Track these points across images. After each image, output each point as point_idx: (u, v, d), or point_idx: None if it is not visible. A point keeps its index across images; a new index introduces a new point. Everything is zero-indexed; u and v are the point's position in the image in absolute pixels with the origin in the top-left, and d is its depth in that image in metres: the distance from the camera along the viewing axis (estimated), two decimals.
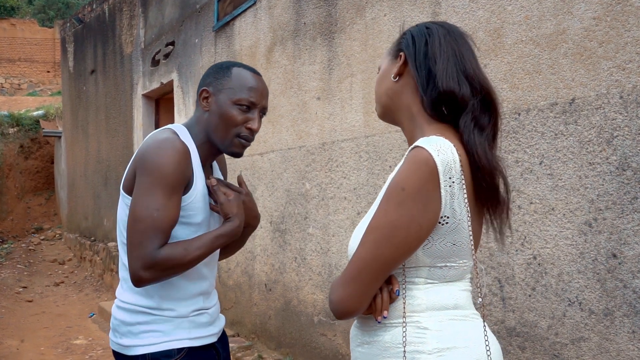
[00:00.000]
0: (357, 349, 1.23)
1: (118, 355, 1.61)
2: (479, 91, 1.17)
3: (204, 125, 1.60)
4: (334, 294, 1.16)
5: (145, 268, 1.44)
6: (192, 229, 1.57)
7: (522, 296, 2.31)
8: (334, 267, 3.51)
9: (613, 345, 1.99)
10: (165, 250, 1.46)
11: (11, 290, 7.77)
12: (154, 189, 1.46)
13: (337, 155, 3.48)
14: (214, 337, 1.68)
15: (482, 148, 1.13)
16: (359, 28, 3.29)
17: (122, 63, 7.53)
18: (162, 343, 1.55)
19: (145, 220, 1.45)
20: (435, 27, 1.23)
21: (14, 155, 13.51)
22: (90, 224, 9.05)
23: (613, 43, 2.00)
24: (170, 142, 1.49)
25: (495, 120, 1.19)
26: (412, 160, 1.09)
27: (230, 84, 1.58)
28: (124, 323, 1.58)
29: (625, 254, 1.97)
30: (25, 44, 22.88)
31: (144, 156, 1.50)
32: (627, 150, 1.96)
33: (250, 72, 1.62)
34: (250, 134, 1.59)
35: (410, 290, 1.15)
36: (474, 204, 1.15)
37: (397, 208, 1.09)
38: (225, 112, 1.56)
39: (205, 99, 1.61)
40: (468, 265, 1.18)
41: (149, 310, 1.56)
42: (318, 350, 3.67)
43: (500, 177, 1.16)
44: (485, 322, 1.19)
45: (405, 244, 1.10)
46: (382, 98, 1.29)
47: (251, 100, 1.57)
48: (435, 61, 1.18)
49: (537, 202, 2.25)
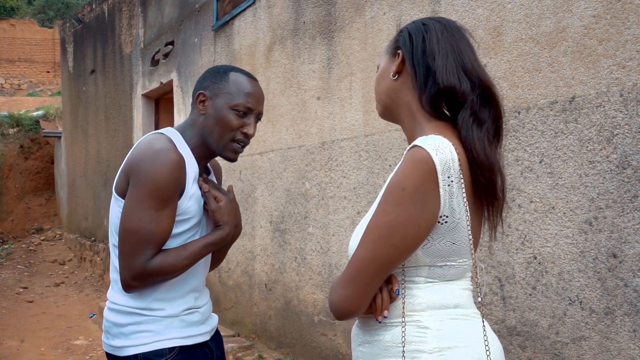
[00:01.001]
0: (358, 348, 1.23)
1: (110, 357, 1.61)
2: (478, 86, 1.16)
3: (199, 128, 1.61)
4: (333, 295, 1.16)
5: (135, 279, 1.48)
6: (189, 228, 1.59)
7: (522, 295, 2.31)
8: (334, 266, 3.50)
9: (614, 344, 1.99)
10: (156, 261, 1.48)
11: (11, 290, 7.76)
12: (148, 201, 1.46)
13: (336, 155, 3.47)
14: (207, 336, 1.68)
15: (481, 143, 1.12)
16: (358, 27, 3.28)
17: (122, 63, 7.53)
18: (153, 343, 1.55)
19: (138, 232, 1.46)
20: (432, 22, 1.22)
21: (14, 155, 13.51)
22: (90, 224, 9.05)
23: (613, 41, 2.00)
24: (165, 154, 1.49)
25: (496, 115, 1.18)
26: (411, 159, 1.09)
27: (227, 89, 1.59)
28: (115, 325, 1.58)
29: (625, 253, 1.96)
30: (25, 45, 22.88)
31: (138, 166, 1.50)
32: (627, 148, 1.95)
33: (247, 78, 1.63)
34: (245, 138, 1.61)
35: (411, 289, 1.15)
36: (473, 203, 1.14)
37: (395, 208, 1.09)
38: (222, 117, 1.58)
39: (202, 102, 1.62)
40: (468, 264, 1.18)
41: (140, 310, 1.56)
42: (318, 350, 3.66)
43: (498, 172, 1.16)
44: (485, 321, 1.18)
45: (404, 244, 1.09)
46: (382, 97, 1.29)
47: (248, 106, 1.59)
48: (434, 57, 1.17)
49: (537, 200, 2.24)
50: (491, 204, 1.18)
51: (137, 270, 1.47)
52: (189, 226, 1.58)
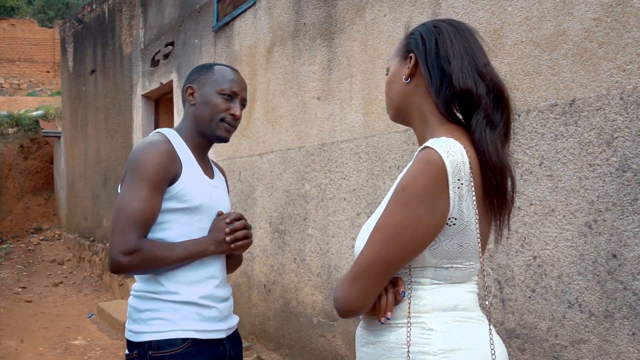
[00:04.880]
0: (362, 348, 1.23)
1: (129, 343, 1.66)
2: (492, 89, 1.16)
3: (191, 119, 1.77)
4: (338, 292, 1.16)
5: (124, 254, 1.55)
6: (191, 215, 1.66)
7: (521, 298, 2.31)
8: (333, 268, 3.50)
9: (613, 348, 1.99)
10: (143, 241, 1.58)
11: (10, 290, 7.76)
12: (137, 183, 1.59)
13: (336, 156, 3.47)
14: (222, 334, 1.70)
15: (494, 146, 1.12)
16: (358, 28, 3.29)
17: (122, 63, 7.53)
18: (168, 332, 1.60)
19: (126, 209, 1.57)
20: (444, 25, 1.21)
21: (14, 155, 13.50)
22: (89, 224, 9.04)
23: (613, 44, 2.00)
24: (155, 143, 1.65)
25: (508, 117, 1.18)
26: (421, 160, 1.08)
27: (213, 78, 1.76)
28: (135, 309, 1.66)
29: (625, 256, 1.96)
30: (25, 44, 22.87)
31: (131, 156, 1.65)
32: (627, 151, 1.96)
33: (230, 69, 1.81)
34: (233, 119, 1.76)
35: (416, 290, 1.15)
36: (483, 207, 1.14)
37: (404, 208, 1.08)
38: (210, 101, 1.74)
39: (191, 94, 1.78)
40: (475, 267, 1.17)
41: (157, 295, 1.63)
42: (317, 351, 3.66)
43: (508, 175, 1.16)
44: (491, 325, 1.18)
45: (411, 245, 1.09)
46: (394, 100, 1.28)
47: (233, 90, 1.75)
48: (449, 61, 1.16)
49: (537, 203, 2.24)
50: (500, 207, 1.17)
51: (125, 246, 1.54)
52: (195, 204, 1.67)
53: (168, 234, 1.64)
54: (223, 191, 1.84)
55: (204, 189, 1.70)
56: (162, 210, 1.62)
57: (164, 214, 1.63)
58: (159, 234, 1.64)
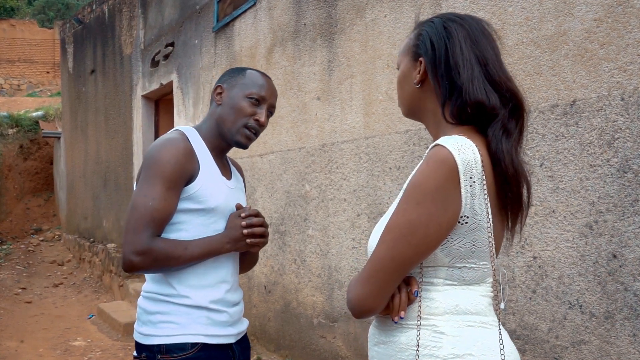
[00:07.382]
0: (374, 348, 1.22)
1: (138, 346, 1.64)
2: (509, 99, 1.14)
3: (215, 119, 1.73)
4: (351, 292, 1.15)
5: (137, 254, 1.52)
6: (206, 217, 1.64)
7: (522, 299, 2.30)
8: (333, 269, 3.50)
9: (614, 349, 1.98)
10: (157, 240, 1.55)
11: (10, 291, 7.75)
12: (153, 181, 1.56)
13: (337, 157, 3.47)
14: (232, 339, 1.69)
15: (509, 156, 1.11)
16: (359, 29, 3.28)
17: (122, 64, 7.53)
18: (178, 336, 1.59)
19: (140, 208, 1.54)
20: (454, 27, 1.17)
21: (14, 156, 13.49)
22: (89, 225, 9.04)
23: (614, 45, 2.00)
24: (172, 141, 1.61)
25: (522, 124, 1.17)
26: (433, 158, 1.08)
27: (243, 81, 1.73)
28: (145, 311, 1.64)
29: (626, 257, 1.96)
30: (25, 45, 22.87)
31: (148, 154, 1.62)
32: (628, 152, 1.95)
33: (262, 74, 1.78)
34: (257, 125, 1.72)
35: (429, 291, 1.13)
36: (496, 207, 1.13)
37: (416, 207, 1.07)
38: (236, 103, 1.70)
39: (219, 94, 1.75)
40: (488, 267, 1.16)
41: (167, 298, 1.61)
42: (317, 352, 3.66)
43: (524, 183, 1.15)
44: (504, 330, 1.16)
45: (424, 244, 1.08)
46: (406, 101, 1.27)
47: (261, 95, 1.72)
48: (459, 72, 1.14)
49: (538, 204, 2.24)
50: (515, 213, 1.17)
51: (138, 245, 1.52)
52: (211, 206, 1.64)
53: (182, 234, 1.61)
54: (240, 192, 1.81)
55: (221, 190, 1.67)
56: (177, 210, 1.60)
57: (178, 214, 1.60)
58: (172, 234, 1.61)
